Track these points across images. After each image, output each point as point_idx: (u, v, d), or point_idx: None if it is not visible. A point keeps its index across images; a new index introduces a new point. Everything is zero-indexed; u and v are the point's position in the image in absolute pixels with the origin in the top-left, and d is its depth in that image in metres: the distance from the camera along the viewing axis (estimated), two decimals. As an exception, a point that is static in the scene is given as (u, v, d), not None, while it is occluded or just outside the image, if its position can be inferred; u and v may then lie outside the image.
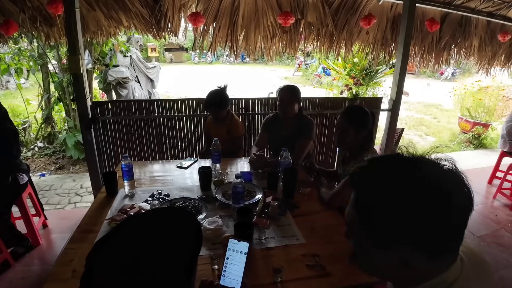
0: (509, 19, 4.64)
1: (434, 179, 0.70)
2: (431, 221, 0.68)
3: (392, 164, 0.77)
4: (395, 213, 0.69)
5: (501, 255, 3.18)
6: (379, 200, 0.72)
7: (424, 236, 0.69)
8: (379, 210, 0.72)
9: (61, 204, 4.05)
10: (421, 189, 0.69)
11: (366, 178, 0.78)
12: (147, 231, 0.74)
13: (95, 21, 3.58)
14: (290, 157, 2.38)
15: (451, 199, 0.69)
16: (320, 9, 3.88)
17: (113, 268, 0.67)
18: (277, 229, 1.83)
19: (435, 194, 0.68)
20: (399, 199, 0.69)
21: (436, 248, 0.71)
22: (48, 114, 5.73)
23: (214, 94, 3.05)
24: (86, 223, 1.89)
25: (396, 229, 0.70)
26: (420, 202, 0.68)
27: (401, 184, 0.71)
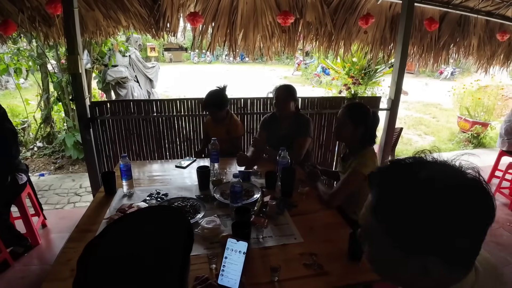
0: (508, 18, 4.64)
1: (465, 189, 0.68)
2: (459, 231, 0.66)
3: (419, 168, 0.73)
4: (423, 221, 0.66)
5: (499, 254, 3.18)
6: (407, 207, 0.68)
7: (450, 247, 0.67)
8: (406, 217, 0.68)
9: (60, 204, 4.05)
10: (452, 198, 0.66)
11: (391, 180, 0.74)
12: (138, 230, 0.74)
13: (94, 21, 3.58)
14: (288, 157, 2.39)
15: (477, 211, 0.67)
16: (319, 9, 3.88)
17: (107, 270, 0.66)
18: (275, 228, 1.83)
19: (464, 205, 0.66)
20: (429, 207, 0.66)
21: (458, 259, 0.69)
22: (47, 114, 5.73)
23: (213, 95, 3.05)
24: (85, 222, 1.89)
25: (423, 238, 0.67)
26: (450, 211, 0.66)
27: (432, 191, 0.67)
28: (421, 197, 0.67)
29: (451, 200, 0.66)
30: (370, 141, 2.26)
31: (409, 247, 0.70)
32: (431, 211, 0.66)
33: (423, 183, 0.69)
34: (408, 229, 0.68)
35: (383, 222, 0.72)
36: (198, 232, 1.69)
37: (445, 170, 0.72)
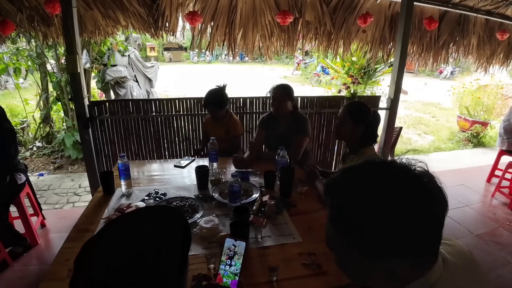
0: (507, 17, 4.64)
1: (416, 184, 0.70)
2: (417, 228, 0.67)
3: (371, 171, 0.74)
4: (383, 224, 0.67)
5: (499, 254, 3.18)
6: (364, 212, 0.69)
7: (410, 244, 0.68)
8: (359, 224, 0.69)
9: (59, 203, 4.05)
10: (405, 196, 0.68)
11: (339, 190, 0.75)
12: (136, 230, 0.74)
13: (93, 20, 3.57)
14: (287, 156, 2.38)
15: (433, 204, 0.69)
16: (318, 8, 3.88)
17: (107, 269, 0.66)
18: (274, 227, 1.83)
19: (419, 200, 0.68)
20: (385, 209, 0.67)
21: (420, 254, 0.70)
22: (47, 113, 5.72)
23: (213, 93, 3.06)
24: (83, 222, 1.88)
25: (384, 241, 0.68)
26: (406, 209, 0.67)
27: (386, 193, 0.69)
28: (368, 202, 0.69)
29: (397, 199, 0.67)
30: (370, 140, 2.26)
31: (370, 253, 0.71)
32: (381, 214, 0.67)
33: (367, 188, 0.70)
34: (364, 235, 0.69)
35: (341, 231, 0.74)
36: (196, 232, 1.68)
37: (390, 170, 0.73)
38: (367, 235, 0.69)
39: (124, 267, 0.66)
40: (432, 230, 0.69)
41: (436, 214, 0.69)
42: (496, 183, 4.41)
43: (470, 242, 3.35)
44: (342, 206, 0.73)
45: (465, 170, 5.36)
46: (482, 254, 3.16)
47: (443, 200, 0.70)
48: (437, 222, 0.70)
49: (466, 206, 4.06)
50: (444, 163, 5.77)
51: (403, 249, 0.68)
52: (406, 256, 0.69)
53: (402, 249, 0.68)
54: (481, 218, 3.85)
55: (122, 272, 0.66)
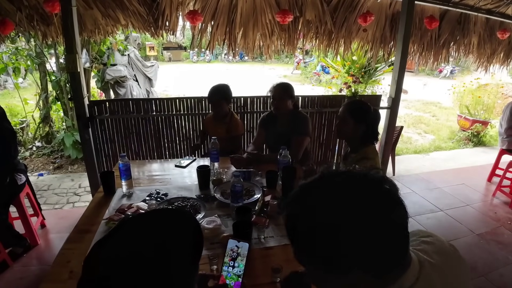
0: (508, 16, 4.63)
1: (372, 194, 0.68)
2: (374, 238, 0.65)
3: (327, 184, 0.73)
4: (338, 237, 0.65)
5: (500, 253, 3.18)
6: (319, 226, 0.67)
7: (368, 257, 0.66)
8: (320, 237, 0.67)
9: (59, 203, 4.03)
10: (360, 207, 0.66)
11: (303, 205, 0.72)
12: (147, 232, 0.73)
13: (92, 19, 3.56)
14: (289, 156, 2.37)
15: (391, 213, 0.67)
16: (318, 7, 3.86)
17: (117, 269, 0.66)
18: (276, 228, 1.81)
19: (375, 211, 0.66)
20: (340, 222, 0.66)
21: (382, 266, 0.68)
22: (46, 113, 5.70)
23: (219, 86, 3.09)
24: (84, 223, 1.87)
25: (341, 254, 0.66)
26: (362, 220, 0.65)
27: (341, 205, 0.67)
28: (318, 217, 0.67)
29: (364, 206, 0.66)
30: (371, 138, 2.26)
31: (329, 268, 0.69)
32: (345, 224, 0.65)
33: (333, 196, 0.69)
34: (318, 250, 0.68)
35: (298, 248, 0.73)
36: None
37: (354, 177, 0.72)
38: (321, 250, 0.68)
39: (133, 269, 0.66)
40: (387, 239, 0.67)
41: (394, 221, 0.68)
42: (497, 182, 4.41)
43: (471, 241, 3.35)
44: (296, 220, 0.72)
45: (466, 169, 5.36)
46: (483, 254, 3.16)
47: (401, 209, 0.69)
48: (398, 230, 0.68)
49: (467, 205, 4.06)
50: (445, 162, 5.77)
51: (361, 262, 0.66)
52: (364, 270, 0.67)
53: (361, 263, 0.66)
54: (482, 217, 3.85)
55: (130, 273, 0.65)
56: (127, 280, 0.65)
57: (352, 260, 0.66)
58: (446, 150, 6.63)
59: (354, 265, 0.66)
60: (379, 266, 0.67)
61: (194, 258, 0.76)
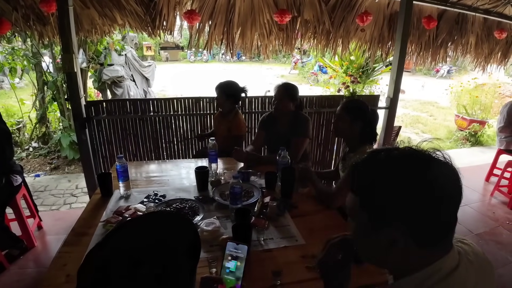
0: (505, 16, 4.64)
1: (432, 169, 0.75)
2: (424, 207, 0.72)
3: (391, 152, 0.80)
4: (392, 195, 0.74)
5: (499, 253, 3.18)
6: (378, 182, 0.77)
7: (415, 220, 0.73)
8: (377, 191, 0.76)
9: (56, 205, 4.00)
10: (419, 176, 0.74)
11: (363, 162, 0.83)
12: (144, 235, 0.73)
13: (89, 19, 3.53)
14: (288, 157, 2.35)
15: (444, 190, 0.74)
16: (316, 7, 3.85)
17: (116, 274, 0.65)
18: (276, 230, 1.80)
19: (431, 184, 0.73)
20: (398, 183, 0.74)
21: (425, 235, 0.75)
22: (43, 114, 5.66)
23: (226, 81, 3.18)
24: (80, 225, 1.84)
25: (391, 210, 0.74)
26: (417, 187, 0.73)
27: (401, 171, 0.76)
28: (383, 169, 0.78)
29: (409, 170, 0.75)
30: (370, 138, 2.25)
31: (379, 218, 0.77)
32: (391, 182, 0.75)
33: (384, 160, 0.79)
34: (375, 199, 0.77)
35: (358, 196, 0.81)
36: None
37: (421, 152, 0.79)
38: (376, 200, 0.76)
39: (130, 275, 0.64)
40: (438, 214, 0.74)
41: (447, 200, 0.75)
42: (495, 182, 4.42)
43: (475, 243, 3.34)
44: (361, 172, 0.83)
45: (464, 169, 5.21)
46: (482, 254, 3.15)
47: (456, 191, 0.76)
48: (447, 209, 0.75)
49: (465, 205, 4.06)
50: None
51: (404, 221, 0.74)
52: (408, 232, 0.74)
53: (404, 221, 0.74)
54: (481, 217, 3.85)
55: (127, 280, 0.64)
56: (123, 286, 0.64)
57: (398, 212, 0.74)
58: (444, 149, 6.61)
59: (399, 218, 0.74)
60: (422, 232, 0.74)
61: (192, 263, 0.76)
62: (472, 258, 0.81)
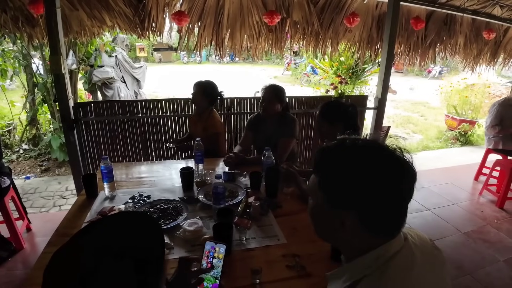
0: (493, 16, 4.68)
1: (390, 164, 0.80)
2: (377, 198, 0.78)
3: (356, 142, 0.85)
4: (349, 182, 0.79)
5: (487, 251, 3.20)
6: (338, 168, 0.82)
7: (367, 209, 0.79)
8: (336, 176, 0.81)
9: (45, 207, 3.98)
10: (376, 169, 0.78)
11: (332, 148, 0.87)
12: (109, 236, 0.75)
13: (78, 21, 3.52)
14: (272, 156, 2.37)
15: (398, 185, 0.79)
16: (305, 8, 3.87)
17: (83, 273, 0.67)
18: (258, 229, 1.81)
19: (386, 178, 0.78)
20: (355, 172, 0.79)
21: (374, 223, 0.81)
22: (33, 115, 5.63)
23: (203, 80, 3.17)
24: (65, 226, 1.85)
25: (346, 195, 0.80)
26: (372, 179, 0.77)
27: (360, 161, 0.80)
28: (344, 157, 0.83)
29: (368, 161, 0.79)
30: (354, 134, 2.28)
31: (332, 200, 0.83)
32: (350, 170, 0.80)
33: (348, 148, 0.84)
34: (333, 183, 0.82)
35: (318, 178, 0.86)
36: (179, 235, 1.66)
37: (368, 142, 0.86)
38: (334, 184, 0.82)
39: (101, 272, 0.67)
40: (387, 199, 0.79)
41: (401, 189, 0.80)
42: (483, 181, 4.45)
43: (458, 240, 3.38)
44: (324, 157, 0.87)
45: (453, 169, 5.40)
46: (470, 252, 3.18)
47: (409, 175, 0.80)
48: (401, 196, 0.80)
49: (454, 204, 4.09)
50: (432, 162, 5.81)
51: (357, 204, 0.79)
52: (359, 215, 0.79)
53: (357, 204, 0.79)
54: (469, 216, 3.88)
55: (99, 276, 0.67)
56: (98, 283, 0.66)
57: (352, 199, 0.80)
58: (434, 149, 6.70)
59: (352, 205, 0.80)
60: (372, 220, 0.80)
61: (158, 259, 0.79)
62: (417, 242, 0.88)
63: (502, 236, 3.48)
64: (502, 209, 4.01)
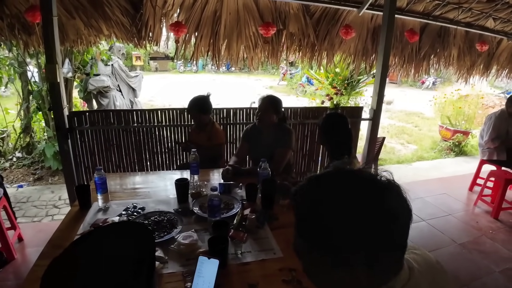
0: (486, 29, 4.76)
1: (379, 195, 0.70)
2: (379, 236, 0.68)
3: (337, 180, 0.75)
4: (346, 232, 0.68)
5: (483, 262, 3.20)
6: (329, 222, 0.69)
7: (370, 253, 0.68)
8: (331, 233, 0.69)
9: (38, 216, 3.93)
10: (368, 206, 0.68)
11: (302, 197, 0.75)
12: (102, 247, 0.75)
13: (75, 29, 3.52)
14: (268, 168, 2.36)
15: (397, 217, 0.70)
16: (301, 20, 3.91)
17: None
18: (254, 242, 1.79)
19: (382, 211, 0.68)
20: (347, 217, 0.68)
21: (382, 262, 0.71)
22: (27, 123, 5.59)
23: (197, 99, 3.12)
24: (57, 237, 1.82)
25: (348, 249, 0.69)
26: (368, 220, 0.68)
27: (349, 201, 0.69)
28: (331, 208, 0.69)
29: (361, 208, 0.68)
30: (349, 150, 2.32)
31: (335, 258, 0.71)
32: (342, 221, 0.68)
33: (332, 195, 0.71)
34: (326, 240, 0.70)
35: (305, 237, 0.75)
36: (174, 248, 1.64)
37: (356, 179, 0.74)
38: (328, 241, 0.70)
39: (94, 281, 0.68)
40: (393, 240, 0.70)
41: (397, 226, 0.70)
42: (478, 192, 4.47)
43: (453, 251, 3.37)
44: (307, 212, 0.74)
45: (448, 179, 5.42)
46: (466, 263, 3.18)
47: (406, 212, 0.72)
48: (398, 233, 0.71)
49: (449, 215, 4.10)
50: (427, 172, 5.84)
51: (363, 256, 0.68)
52: (367, 264, 0.69)
53: (363, 256, 0.68)
54: (464, 226, 3.89)
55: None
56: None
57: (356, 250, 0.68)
58: (429, 160, 6.72)
59: (358, 260, 0.68)
60: (377, 261, 0.70)
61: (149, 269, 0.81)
62: (423, 269, 0.82)
63: (498, 246, 3.48)
64: (497, 220, 4.02)
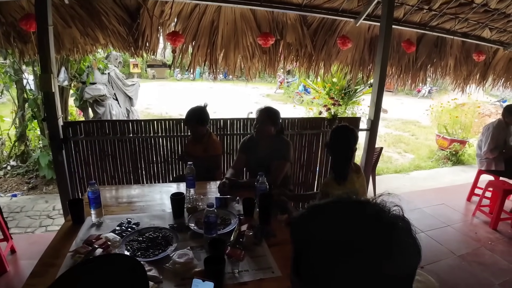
0: (483, 39, 4.78)
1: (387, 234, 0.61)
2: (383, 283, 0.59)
3: (342, 214, 0.66)
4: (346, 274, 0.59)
5: (482, 275, 3.18)
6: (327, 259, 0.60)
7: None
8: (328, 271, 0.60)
9: (31, 227, 3.87)
10: (373, 246, 0.59)
11: (312, 230, 0.66)
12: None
13: (71, 38, 3.49)
14: (266, 182, 2.32)
15: (404, 259, 0.61)
16: (299, 30, 3.91)
17: None
18: (252, 260, 1.74)
19: (388, 253, 0.60)
20: (350, 258, 0.59)
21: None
22: (22, 131, 5.54)
23: (194, 110, 3.09)
24: (49, 255, 1.77)
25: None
26: (373, 262, 0.59)
27: (355, 239, 0.60)
28: (333, 247, 0.60)
29: (367, 247, 0.59)
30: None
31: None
32: (345, 263, 0.59)
33: (336, 232, 0.62)
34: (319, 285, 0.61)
35: (301, 277, 0.65)
36: (169, 267, 1.59)
37: (363, 213, 0.64)
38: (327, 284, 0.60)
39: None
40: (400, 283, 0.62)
41: (401, 271, 0.62)
42: (476, 202, 4.46)
43: (453, 263, 3.34)
44: (305, 248, 0.65)
45: (446, 189, 5.41)
46: (466, 275, 3.15)
47: (413, 257, 0.63)
48: (407, 277, 0.63)
49: (447, 226, 4.07)
50: (425, 182, 5.83)
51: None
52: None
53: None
54: (463, 238, 3.86)
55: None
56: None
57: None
58: (426, 169, 6.71)
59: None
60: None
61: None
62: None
63: (497, 258, 3.45)
64: (495, 231, 4.00)
